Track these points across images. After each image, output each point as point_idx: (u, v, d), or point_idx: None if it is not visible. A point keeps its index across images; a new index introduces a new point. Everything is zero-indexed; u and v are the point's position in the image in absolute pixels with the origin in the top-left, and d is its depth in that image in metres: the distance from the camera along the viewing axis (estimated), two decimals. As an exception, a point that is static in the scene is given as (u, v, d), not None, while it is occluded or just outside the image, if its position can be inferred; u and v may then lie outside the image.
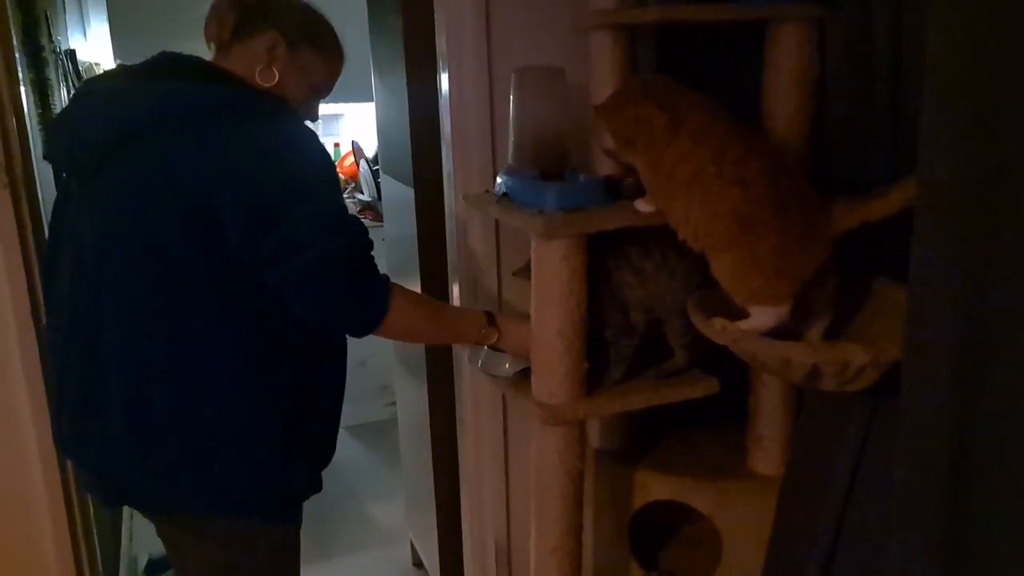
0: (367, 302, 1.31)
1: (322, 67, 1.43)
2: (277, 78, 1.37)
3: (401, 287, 1.34)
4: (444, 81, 1.74)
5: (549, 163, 1.44)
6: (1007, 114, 0.84)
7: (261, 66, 1.36)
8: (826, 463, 1.36)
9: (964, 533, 0.95)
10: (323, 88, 1.47)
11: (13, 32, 1.51)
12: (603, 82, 1.50)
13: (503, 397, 1.85)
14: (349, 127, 4.14)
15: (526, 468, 1.83)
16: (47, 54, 2.08)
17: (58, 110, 2.22)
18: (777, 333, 1.20)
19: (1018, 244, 0.86)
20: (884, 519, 1.22)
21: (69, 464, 1.69)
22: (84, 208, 1.29)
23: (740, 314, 1.22)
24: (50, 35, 2.19)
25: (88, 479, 1.45)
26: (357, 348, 1.46)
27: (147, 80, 1.31)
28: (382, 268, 1.31)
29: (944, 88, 0.89)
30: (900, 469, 1.02)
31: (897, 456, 1.02)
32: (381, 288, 1.31)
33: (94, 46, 3.41)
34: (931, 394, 0.97)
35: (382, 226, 2.73)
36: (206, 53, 1.38)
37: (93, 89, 1.33)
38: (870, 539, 1.28)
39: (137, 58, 1.37)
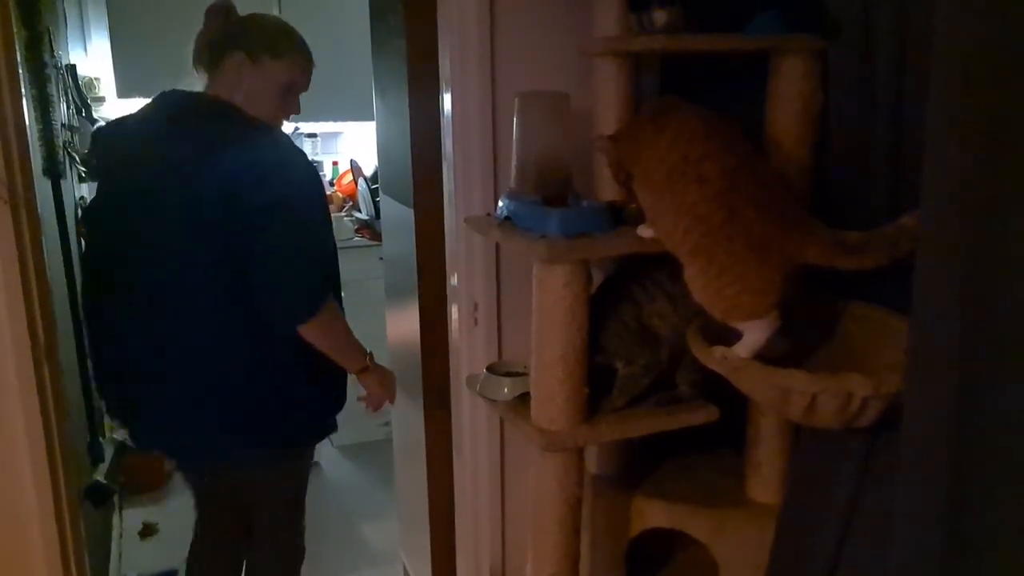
0: (300, 298, 1.62)
1: (285, 70, 1.71)
2: (247, 90, 1.67)
3: (335, 307, 1.70)
4: (447, 101, 1.74)
5: (552, 188, 1.44)
6: (1008, 157, 0.84)
7: (235, 86, 1.68)
8: (824, 492, 1.35)
9: (965, 566, 0.95)
10: (295, 85, 1.75)
11: (17, 48, 1.51)
12: (607, 108, 1.50)
13: (500, 420, 1.84)
14: (348, 145, 4.14)
15: (523, 492, 1.82)
16: (49, 70, 2.07)
17: (58, 126, 2.22)
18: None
19: (1018, 279, 0.86)
20: (882, 549, 1.21)
21: (62, 478, 1.67)
22: (134, 218, 1.65)
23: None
24: (52, 50, 2.19)
25: (157, 438, 1.85)
26: None
27: (183, 128, 1.65)
28: (379, 287, 1.38)
29: (947, 132, 0.90)
30: (900, 500, 1.02)
31: (898, 488, 1.02)
32: (316, 296, 1.63)
33: (94, 60, 3.41)
34: (932, 425, 0.97)
35: (380, 245, 2.72)
36: None
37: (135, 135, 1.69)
38: (868, 569, 1.27)
39: (137, 73, 1.59)
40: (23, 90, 1.51)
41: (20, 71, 1.52)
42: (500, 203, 1.47)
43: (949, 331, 0.94)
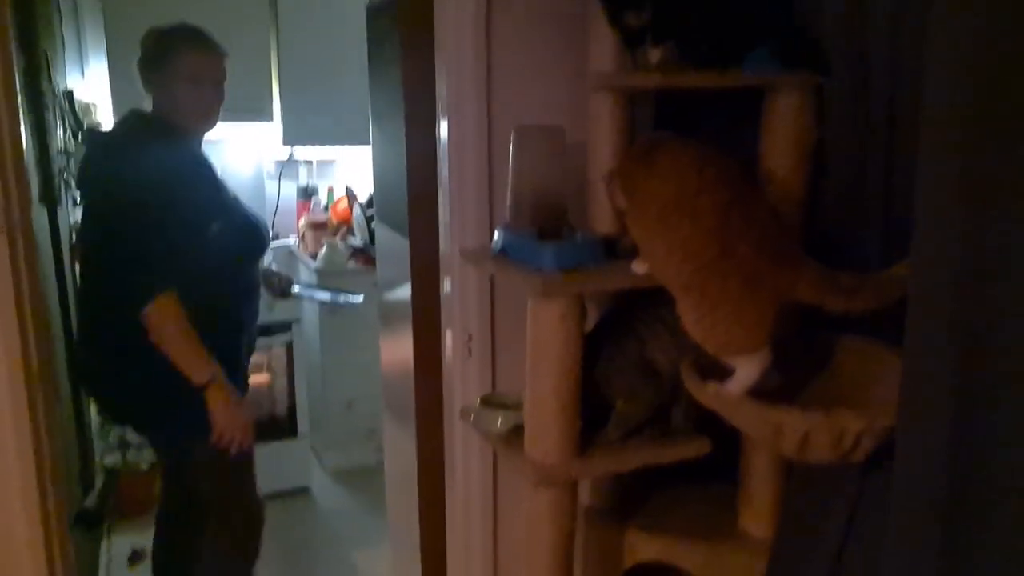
0: (137, 285, 1.83)
1: (185, 68, 1.94)
2: (160, 97, 1.95)
3: (175, 306, 1.84)
4: (443, 129, 1.75)
5: (547, 221, 1.45)
6: (1000, 196, 0.86)
7: (154, 97, 1.97)
8: (816, 527, 1.35)
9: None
10: (199, 78, 1.96)
11: (16, 75, 1.52)
12: (602, 142, 1.51)
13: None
14: (343, 171, 4.15)
15: (515, 521, 1.81)
16: (47, 97, 2.08)
17: (55, 153, 2.24)
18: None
19: (1013, 316, 0.87)
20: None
21: (52, 504, 1.67)
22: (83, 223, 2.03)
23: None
24: (50, 77, 2.20)
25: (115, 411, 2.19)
26: (344, 390, 1.55)
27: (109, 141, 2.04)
28: (373, 313, 1.42)
29: (940, 170, 0.91)
30: (892, 537, 1.02)
31: (890, 524, 1.02)
32: (155, 286, 1.82)
33: (91, 85, 3.42)
34: (924, 460, 0.97)
35: (374, 271, 2.73)
36: None
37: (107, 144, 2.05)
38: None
39: (134, 98, 1.93)
40: (21, 118, 1.52)
41: (18, 98, 1.53)
42: (495, 235, 1.48)
43: (941, 366, 0.94)
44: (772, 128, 1.43)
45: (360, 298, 3.04)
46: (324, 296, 3.16)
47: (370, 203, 3.63)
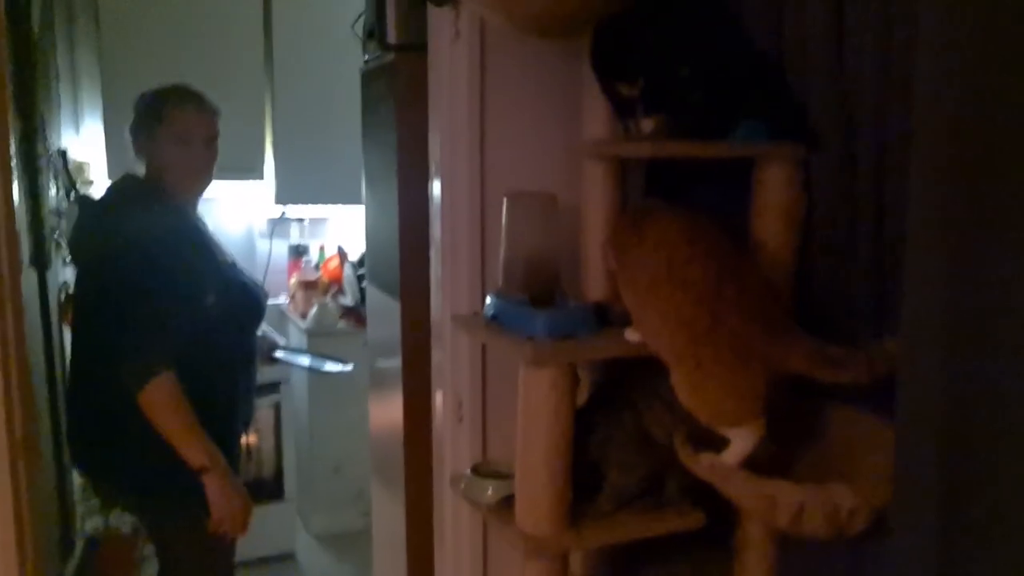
0: (135, 366, 1.76)
1: (173, 127, 1.92)
2: (153, 160, 1.93)
3: (174, 387, 1.77)
4: (436, 191, 1.76)
5: (539, 287, 1.45)
6: (987, 267, 0.86)
7: (146, 160, 1.94)
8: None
9: None
10: (188, 137, 1.94)
11: (12, 140, 1.52)
12: (595, 208, 1.52)
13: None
14: (334, 229, 4.17)
15: (506, 593, 1.78)
16: (41, 159, 2.09)
17: (46, 213, 2.24)
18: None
19: (1003, 385, 0.87)
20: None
21: (30, 573, 1.63)
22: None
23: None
24: (45, 140, 2.21)
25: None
26: (332, 453, 1.52)
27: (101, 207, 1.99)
28: (362, 375, 1.42)
29: (927, 241, 0.92)
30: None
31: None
32: (151, 368, 1.75)
33: (86, 142, 3.44)
34: (918, 537, 0.96)
35: (364, 331, 2.72)
36: None
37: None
38: None
39: (130, 155, 1.95)
40: (15, 183, 1.52)
41: (13, 162, 1.53)
42: (487, 301, 1.48)
43: (932, 444, 0.94)
44: (762, 198, 1.44)
45: (348, 367, 2.92)
46: (305, 362, 3.05)
47: (361, 262, 3.64)
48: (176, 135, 1.92)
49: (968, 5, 0.85)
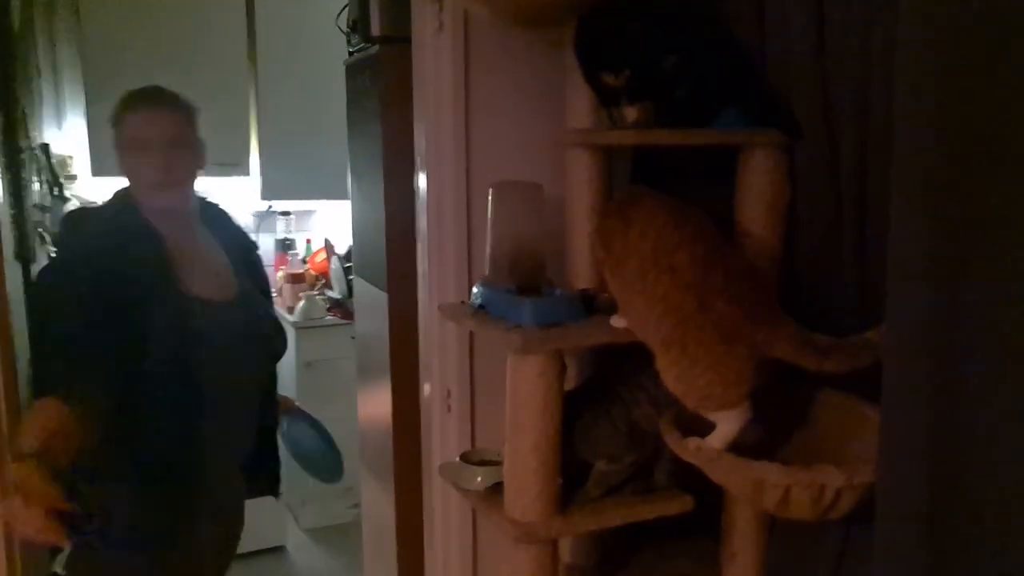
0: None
1: (126, 131, 1.76)
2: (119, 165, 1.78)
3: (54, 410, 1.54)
4: (422, 183, 1.76)
5: (526, 276, 1.46)
6: (970, 258, 0.87)
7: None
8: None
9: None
10: (144, 141, 1.75)
11: (-7, 135, 1.51)
12: (580, 197, 1.52)
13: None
14: (321, 222, 4.16)
15: (495, 582, 1.78)
16: (24, 154, 2.08)
17: (29, 207, 2.22)
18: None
19: (986, 375, 0.88)
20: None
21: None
22: None
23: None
24: (27, 133, 2.20)
25: None
26: None
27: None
28: (350, 366, 1.38)
29: (910, 232, 0.93)
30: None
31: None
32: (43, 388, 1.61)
33: (69, 137, 3.42)
34: (905, 516, 0.97)
35: (351, 324, 2.72)
36: None
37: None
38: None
39: (112, 151, 1.77)
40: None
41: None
42: (474, 291, 1.48)
43: (918, 422, 0.95)
44: (746, 186, 1.45)
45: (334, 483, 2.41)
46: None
47: (348, 256, 3.64)
48: (130, 141, 1.75)
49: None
